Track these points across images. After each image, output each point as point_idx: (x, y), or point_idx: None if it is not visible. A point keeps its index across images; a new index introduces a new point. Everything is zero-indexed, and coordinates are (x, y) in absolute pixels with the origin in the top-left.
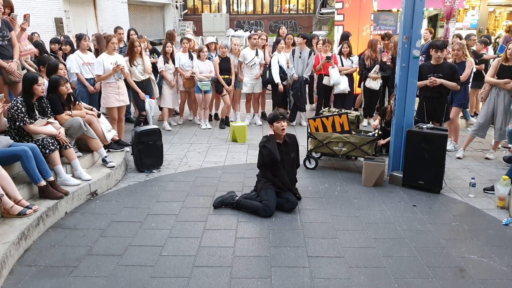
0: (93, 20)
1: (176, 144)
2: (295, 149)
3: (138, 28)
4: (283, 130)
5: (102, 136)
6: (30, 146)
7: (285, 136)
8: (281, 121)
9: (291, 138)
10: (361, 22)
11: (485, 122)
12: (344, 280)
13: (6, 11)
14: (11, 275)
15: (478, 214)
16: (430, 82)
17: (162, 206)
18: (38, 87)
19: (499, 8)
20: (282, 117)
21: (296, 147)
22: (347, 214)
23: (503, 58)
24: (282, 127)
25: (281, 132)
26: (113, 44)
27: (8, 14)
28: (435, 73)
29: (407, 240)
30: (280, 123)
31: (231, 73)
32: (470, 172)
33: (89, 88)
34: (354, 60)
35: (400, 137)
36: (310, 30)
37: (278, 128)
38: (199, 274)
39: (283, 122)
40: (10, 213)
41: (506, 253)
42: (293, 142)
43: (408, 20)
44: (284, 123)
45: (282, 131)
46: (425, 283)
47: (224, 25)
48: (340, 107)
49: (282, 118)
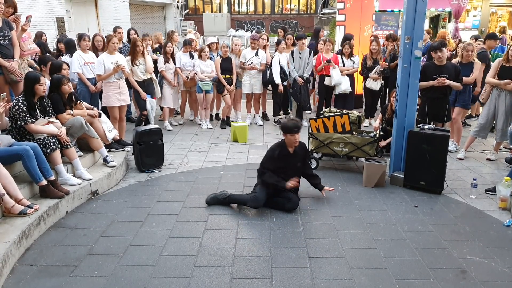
0: (94, 19)
1: (177, 144)
2: (302, 159)
3: (139, 28)
4: (295, 143)
5: (103, 135)
6: (31, 145)
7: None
8: (295, 134)
9: (301, 146)
10: (362, 23)
11: (486, 123)
12: (345, 281)
13: (10, 11)
14: (12, 274)
15: (479, 215)
16: (438, 83)
17: (163, 206)
18: (40, 86)
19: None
20: (297, 131)
21: (304, 155)
22: (348, 215)
23: (504, 59)
24: (295, 140)
25: (293, 144)
26: (114, 44)
27: (11, 13)
28: (441, 74)
29: (408, 241)
30: (294, 136)
31: (232, 73)
32: (472, 173)
33: (90, 87)
34: (355, 60)
35: (402, 137)
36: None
37: (291, 140)
38: (200, 274)
39: (297, 135)
40: (11, 212)
41: (508, 255)
42: (302, 151)
43: (410, 21)
44: (297, 136)
45: (294, 143)
46: (426, 284)
47: (225, 25)
48: (341, 108)
49: (296, 131)
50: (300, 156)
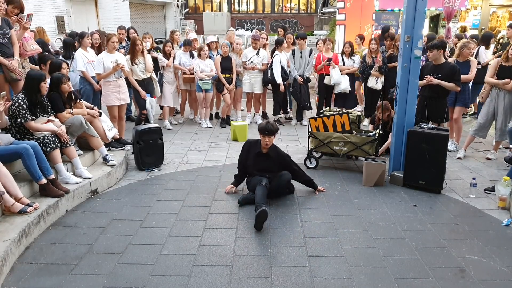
0: (94, 18)
1: (177, 143)
2: (276, 166)
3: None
4: (266, 145)
5: (103, 134)
6: (31, 144)
7: (270, 149)
8: (266, 136)
9: (276, 154)
10: (362, 22)
11: (486, 122)
12: (344, 280)
13: (15, 11)
14: (11, 273)
15: (478, 215)
16: (427, 81)
17: (162, 205)
18: (45, 85)
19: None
20: (268, 133)
21: (279, 164)
22: (348, 214)
23: (503, 59)
24: (266, 142)
25: (264, 146)
26: (113, 43)
27: (16, 14)
28: (434, 73)
29: (407, 240)
30: (265, 138)
31: (232, 72)
32: (471, 173)
33: (95, 86)
34: (355, 59)
35: (401, 137)
36: (311, 29)
37: (263, 141)
38: (199, 272)
39: (268, 138)
40: (11, 211)
41: (506, 254)
42: (277, 159)
43: (410, 20)
44: (268, 139)
45: (265, 145)
46: (425, 283)
47: (225, 24)
48: (341, 107)
49: (267, 134)
50: (275, 160)
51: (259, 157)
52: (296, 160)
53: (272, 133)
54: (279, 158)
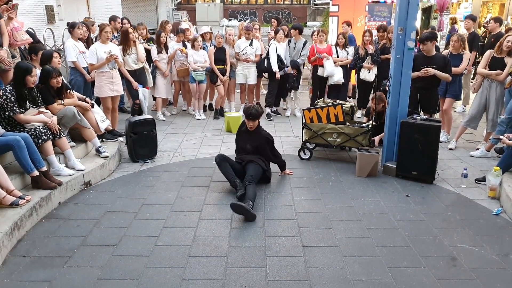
0: (85, 8)
1: (170, 134)
2: (256, 146)
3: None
4: (250, 128)
5: (96, 126)
6: (22, 135)
7: (256, 130)
8: (250, 121)
9: (260, 135)
10: (355, 13)
11: (477, 113)
12: (339, 269)
13: (4, 0)
14: (4, 266)
15: (469, 204)
16: (423, 73)
17: (156, 197)
18: (31, 78)
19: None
20: (252, 118)
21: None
22: (341, 204)
23: (496, 50)
24: (250, 126)
25: (249, 128)
26: (107, 33)
27: (5, 3)
28: (428, 65)
29: (400, 230)
30: (249, 123)
31: (226, 63)
32: (462, 163)
33: (86, 76)
34: (349, 51)
35: (394, 128)
36: (304, 20)
37: (247, 124)
38: (195, 263)
39: (252, 122)
40: (3, 204)
41: (496, 242)
42: (261, 140)
43: (403, 12)
44: (252, 123)
45: (250, 128)
46: (418, 272)
47: (218, 15)
48: (335, 98)
49: (251, 118)
50: (256, 140)
51: (244, 133)
52: (290, 151)
53: (256, 117)
54: (263, 141)
